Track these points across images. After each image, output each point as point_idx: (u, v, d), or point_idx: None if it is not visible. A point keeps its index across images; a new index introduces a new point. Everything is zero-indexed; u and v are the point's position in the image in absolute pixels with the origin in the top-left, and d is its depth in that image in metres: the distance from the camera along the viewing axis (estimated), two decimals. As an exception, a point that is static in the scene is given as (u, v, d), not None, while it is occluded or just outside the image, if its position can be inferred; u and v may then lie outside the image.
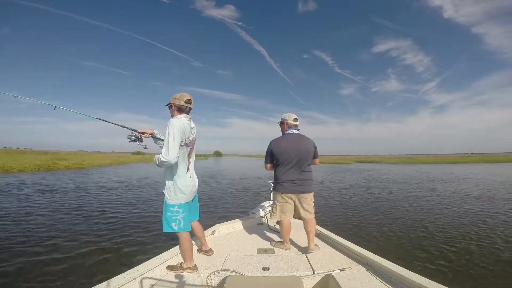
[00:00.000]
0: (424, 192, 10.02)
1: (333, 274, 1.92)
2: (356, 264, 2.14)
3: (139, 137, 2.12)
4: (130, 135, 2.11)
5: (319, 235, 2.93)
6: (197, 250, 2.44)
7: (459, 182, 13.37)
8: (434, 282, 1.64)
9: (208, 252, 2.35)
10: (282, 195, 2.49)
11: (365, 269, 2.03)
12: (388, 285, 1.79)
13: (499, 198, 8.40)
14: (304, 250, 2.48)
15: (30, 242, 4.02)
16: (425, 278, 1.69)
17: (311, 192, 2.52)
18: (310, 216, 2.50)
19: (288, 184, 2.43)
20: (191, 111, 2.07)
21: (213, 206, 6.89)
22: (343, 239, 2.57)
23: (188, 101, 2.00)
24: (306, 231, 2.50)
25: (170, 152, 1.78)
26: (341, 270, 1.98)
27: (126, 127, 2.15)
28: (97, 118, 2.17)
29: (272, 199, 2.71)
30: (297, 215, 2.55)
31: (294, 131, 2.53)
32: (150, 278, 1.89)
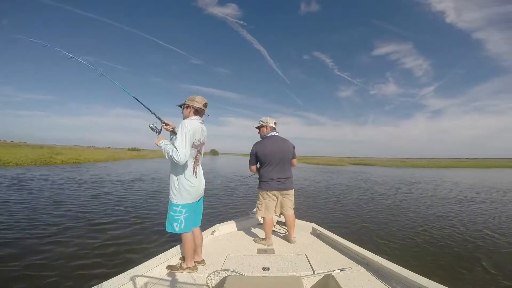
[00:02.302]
0: (416, 194, 10.11)
1: (333, 274, 1.93)
2: (356, 264, 2.15)
3: (160, 129, 2.12)
4: (153, 125, 2.08)
5: (319, 235, 2.93)
6: None
7: (442, 185, 13.63)
8: (434, 282, 1.65)
9: (201, 262, 2.20)
10: (268, 192, 2.65)
11: (365, 269, 2.04)
12: (388, 285, 1.80)
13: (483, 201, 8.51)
14: (304, 250, 2.49)
15: (19, 241, 3.99)
16: (425, 278, 1.70)
17: (292, 189, 2.74)
18: (291, 211, 2.74)
19: (273, 182, 2.63)
20: (205, 114, 2.15)
21: (212, 206, 6.84)
22: (343, 239, 2.58)
23: (206, 105, 2.10)
24: (288, 225, 2.77)
25: (181, 153, 1.82)
26: (341, 270, 1.98)
27: (155, 114, 2.15)
28: (134, 97, 2.16)
29: (258, 197, 2.76)
30: (278, 211, 2.76)
31: (275, 133, 2.73)
32: (150, 278, 1.89)
